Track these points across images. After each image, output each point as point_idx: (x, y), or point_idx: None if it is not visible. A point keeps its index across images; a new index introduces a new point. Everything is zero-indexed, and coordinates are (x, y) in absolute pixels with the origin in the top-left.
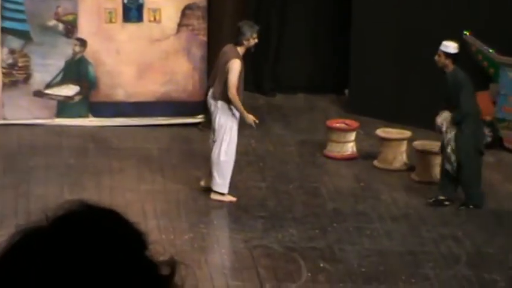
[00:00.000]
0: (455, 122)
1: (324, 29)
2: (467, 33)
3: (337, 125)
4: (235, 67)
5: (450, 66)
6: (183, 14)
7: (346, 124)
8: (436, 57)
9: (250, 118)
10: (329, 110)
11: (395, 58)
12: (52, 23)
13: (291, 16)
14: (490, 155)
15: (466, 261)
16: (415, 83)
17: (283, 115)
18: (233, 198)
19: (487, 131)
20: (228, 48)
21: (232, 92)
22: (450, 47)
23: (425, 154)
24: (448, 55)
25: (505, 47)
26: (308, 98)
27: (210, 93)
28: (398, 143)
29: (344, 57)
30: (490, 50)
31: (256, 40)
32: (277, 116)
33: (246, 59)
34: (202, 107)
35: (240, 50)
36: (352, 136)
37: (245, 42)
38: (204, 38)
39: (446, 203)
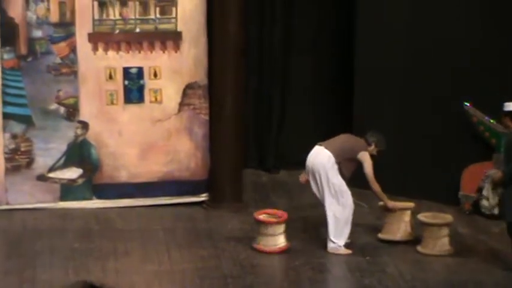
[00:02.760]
0: (504, 182)
1: (325, 105)
2: (468, 104)
3: None
4: (368, 159)
5: (511, 125)
6: (184, 93)
7: None
8: (501, 119)
9: (391, 204)
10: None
11: (397, 131)
12: (53, 106)
13: (292, 92)
14: (495, 226)
15: None
16: (417, 156)
17: (287, 191)
18: (349, 251)
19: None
20: (356, 138)
21: (375, 185)
22: (510, 105)
23: (430, 226)
24: (507, 114)
25: None
26: None
27: (315, 153)
28: (401, 213)
29: (346, 131)
30: (491, 121)
31: (375, 153)
32: (281, 192)
33: (247, 135)
34: (206, 186)
35: (367, 148)
36: None
37: (372, 145)
38: (206, 117)
39: None
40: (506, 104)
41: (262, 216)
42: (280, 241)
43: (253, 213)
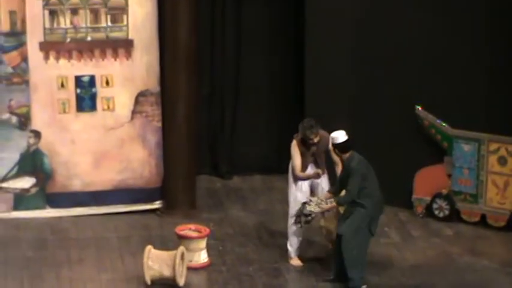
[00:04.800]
0: (340, 204)
1: (277, 110)
2: (419, 108)
3: None
4: (292, 151)
5: (343, 154)
6: (137, 101)
7: None
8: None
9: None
10: (286, 190)
11: (349, 134)
12: (5, 116)
13: (244, 99)
14: (448, 228)
15: None
16: (370, 159)
17: (241, 197)
18: (299, 263)
19: (443, 204)
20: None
21: (296, 173)
22: (336, 137)
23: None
24: (336, 146)
25: (458, 120)
26: (265, 178)
27: None
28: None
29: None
30: (443, 124)
31: (310, 141)
32: (235, 198)
33: (200, 141)
34: (160, 193)
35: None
36: None
37: (300, 133)
38: (159, 124)
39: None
40: (332, 135)
41: (184, 232)
42: (203, 257)
43: (206, 220)
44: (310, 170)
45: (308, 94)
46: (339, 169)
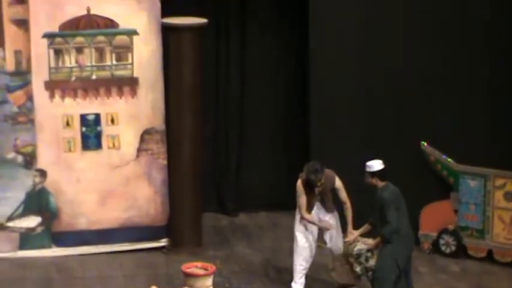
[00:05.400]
0: (384, 237)
1: (283, 147)
2: (425, 144)
3: None
4: (297, 191)
5: (379, 183)
6: (142, 139)
7: None
8: (365, 180)
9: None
10: (293, 227)
11: (354, 170)
12: (11, 155)
13: (249, 136)
14: (455, 264)
15: None
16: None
17: (247, 234)
18: None
19: (450, 239)
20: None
21: (302, 215)
22: (372, 166)
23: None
24: (372, 174)
25: (464, 156)
26: (270, 215)
27: None
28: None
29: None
30: (449, 159)
31: (315, 183)
32: (241, 235)
33: (206, 179)
34: (166, 231)
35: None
36: None
37: (304, 175)
38: (164, 162)
39: None
40: (368, 163)
41: (190, 269)
42: None
43: (212, 258)
44: (317, 209)
45: (313, 131)
46: (347, 208)
